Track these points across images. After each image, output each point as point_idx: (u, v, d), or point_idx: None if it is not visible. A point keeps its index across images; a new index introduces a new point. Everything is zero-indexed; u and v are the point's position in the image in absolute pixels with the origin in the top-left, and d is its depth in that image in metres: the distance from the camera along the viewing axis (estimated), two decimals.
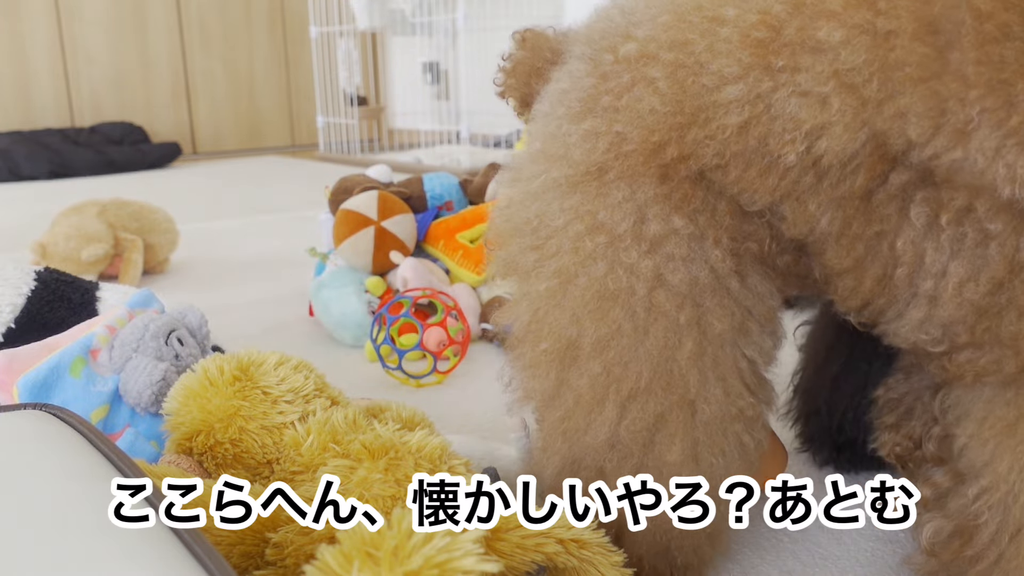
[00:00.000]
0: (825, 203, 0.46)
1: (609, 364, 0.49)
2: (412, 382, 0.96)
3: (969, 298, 0.44)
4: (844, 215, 0.46)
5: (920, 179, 0.44)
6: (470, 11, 2.99)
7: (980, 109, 0.40)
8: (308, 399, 0.55)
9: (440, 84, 3.72)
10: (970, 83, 0.40)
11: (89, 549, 0.30)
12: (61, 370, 0.64)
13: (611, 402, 0.50)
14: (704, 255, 0.49)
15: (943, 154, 0.41)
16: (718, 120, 0.46)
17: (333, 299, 1.10)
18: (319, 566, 0.33)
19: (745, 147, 0.46)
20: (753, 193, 0.48)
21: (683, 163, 0.48)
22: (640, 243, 0.49)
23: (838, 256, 0.48)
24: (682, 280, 0.49)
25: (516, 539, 0.45)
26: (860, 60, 0.42)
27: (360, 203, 1.15)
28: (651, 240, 0.49)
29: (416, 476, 0.48)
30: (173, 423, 0.55)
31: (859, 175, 0.45)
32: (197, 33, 3.85)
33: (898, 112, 0.42)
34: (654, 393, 0.49)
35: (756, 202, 0.48)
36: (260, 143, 4.11)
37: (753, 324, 0.50)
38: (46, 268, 0.89)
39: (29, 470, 0.36)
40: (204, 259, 1.68)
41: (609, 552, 0.47)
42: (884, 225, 0.46)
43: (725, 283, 0.49)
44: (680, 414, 0.49)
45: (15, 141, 3.22)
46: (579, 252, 0.50)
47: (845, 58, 0.42)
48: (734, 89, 0.45)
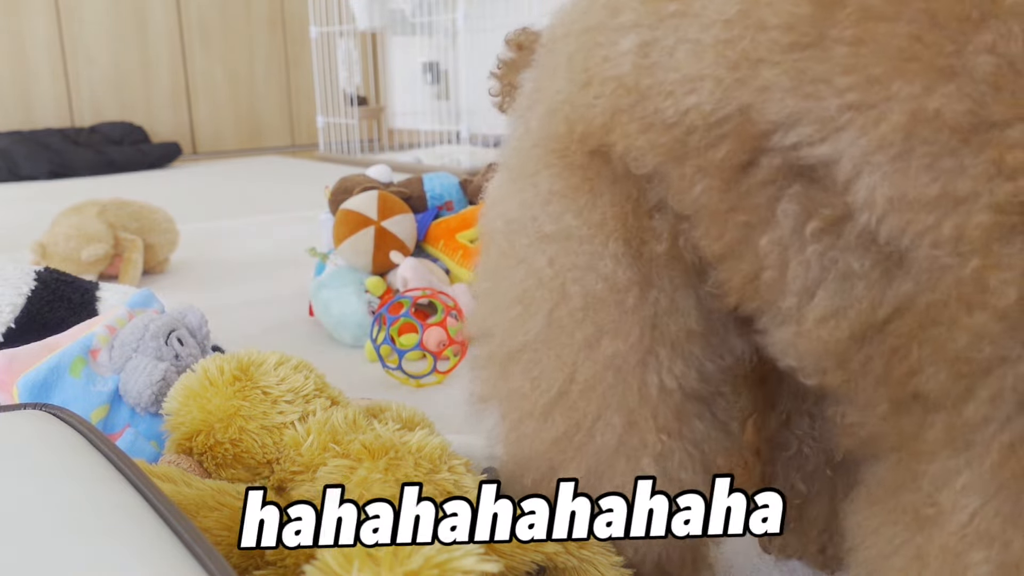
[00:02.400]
0: (696, 168, 0.39)
1: (524, 377, 0.46)
2: (412, 382, 0.96)
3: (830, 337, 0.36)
4: (714, 187, 0.39)
5: (793, 170, 0.36)
6: (470, 11, 2.99)
7: (848, 103, 0.32)
8: (308, 399, 0.55)
9: (440, 84, 3.72)
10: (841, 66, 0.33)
11: (89, 549, 0.30)
12: (61, 370, 0.64)
13: (527, 417, 0.47)
14: (597, 262, 0.43)
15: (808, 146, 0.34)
16: (607, 74, 0.41)
17: (333, 299, 1.10)
18: (319, 566, 0.33)
19: (631, 102, 0.40)
20: (639, 153, 0.41)
21: (573, 142, 0.43)
22: (545, 247, 0.44)
23: (708, 237, 0.40)
24: (579, 293, 0.43)
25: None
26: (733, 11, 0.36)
27: (360, 203, 1.14)
28: (552, 244, 0.44)
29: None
30: (173, 423, 0.55)
31: (724, 145, 0.37)
32: (197, 33, 3.85)
33: (763, 84, 0.35)
34: (553, 416, 0.45)
35: (644, 163, 0.41)
36: (260, 143, 4.11)
37: (662, 347, 0.43)
38: (46, 268, 0.89)
39: (29, 470, 0.36)
40: (204, 259, 1.68)
41: (609, 552, 0.47)
42: (752, 215, 0.38)
43: (621, 297, 0.43)
44: (577, 439, 0.45)
45: (15, 141, 3.22)
46: (504, 254, 0.47)
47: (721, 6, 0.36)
48: (626, 41, 0.40)
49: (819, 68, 0.33)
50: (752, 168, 0.37)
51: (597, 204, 0.43)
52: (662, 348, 0.43)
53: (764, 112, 0.35)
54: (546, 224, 0.44)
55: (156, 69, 3.79)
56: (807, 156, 0.34)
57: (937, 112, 0.30)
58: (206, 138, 3.96)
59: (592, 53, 0.42)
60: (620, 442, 0.44)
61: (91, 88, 3.66)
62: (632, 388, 0.43)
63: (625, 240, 0.43)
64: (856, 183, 0.33)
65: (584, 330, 0.43)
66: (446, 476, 0.49)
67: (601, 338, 0.43)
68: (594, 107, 0.42)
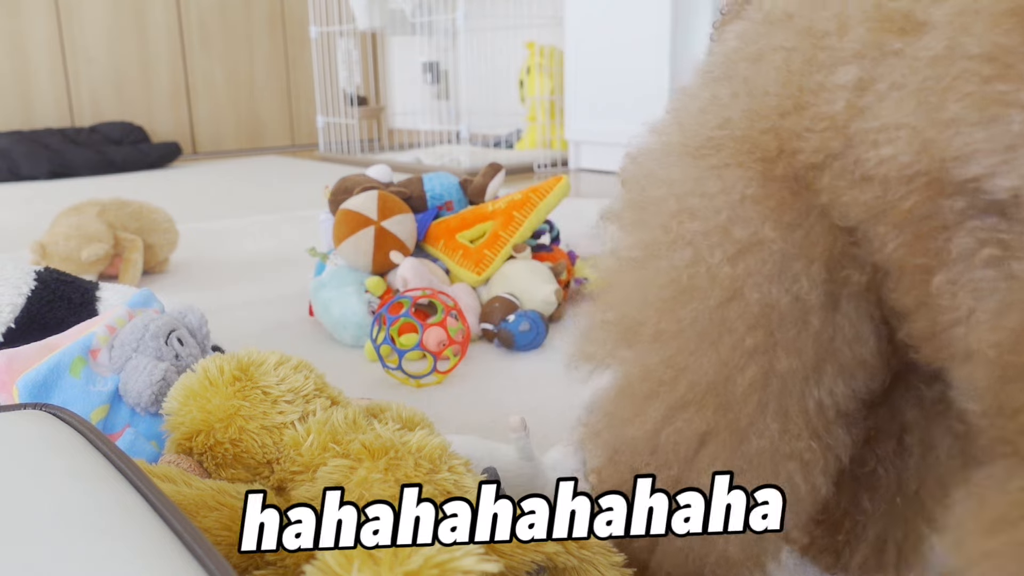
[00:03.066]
0: (891, 225, 0.37)
1: (666, 362, 0.45)
2: (412, 382, 0.96)
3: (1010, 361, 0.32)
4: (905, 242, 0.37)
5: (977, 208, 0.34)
6: (470, 11, 2.98)
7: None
8: (308, 399, 0.55)
9: (440, 84, 3.72)
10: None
11: (89, 549, 0.30)
12: (61, 370, 0.64)
13: (660, 402, 0.46)
14: (790, 279, 0.42)
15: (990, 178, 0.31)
16: (820, 109, 0.39)
17: (333, 299, 1.10)
18: (319, 566, 0.33)
19: (843, 145, 0.38)
20: (844, 208, 0.39)
21: (781, 160, 0.41)
22: (726, 245, 0.43)
23: (898, 291, 0.39)
24: (759, 301, 0.42)
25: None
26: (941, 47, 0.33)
27: (360, 203, 1.14)
28: (737, 246, 0.42)
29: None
30: (173, 423, 0.55)
31: (914, 195, 0.35)
32: (197, 33, 3.85)
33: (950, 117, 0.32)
34: (704, 409, 0.44)
35: (849, 217, 0.40)
36: (260, 143, 4.11)
37: (831, 367, 0.43)
38: (46, 268, 0.89)
39: (29, 470, 0.36)
40: (204, 259, 1.68)
41: (609, 552, 0.47)
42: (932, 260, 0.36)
43: (806, 317, 0.42)
44: (727, 439, 0.44)
45: (15, 141, 3.22)
46: (668, 232, 0.45)
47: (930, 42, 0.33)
48: (845, 73, 0.38)
49: (1004, 87, 0.31)
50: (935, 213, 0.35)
51: (803, 225, 0.42)
52: (830, 368, 0.43)
53: (948, 148, 0.33)
54: (735, 225, 0.43)
55: (156, 69, 3.79)
56: (992, 189, 0.32)
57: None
58: (206, 138, 3.96)
59: (809, 70, 0.39)
60: (774, 448, 0.44)
61: (91, 88, 3.66)
62: (793, 399, 0.43)
63: (827, 265, 0.42)
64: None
65: (756, 337, 0.43)
66: (446, 476, 0.49)
67: (776, 350, 0.43)
68: (806, 140, 0.40)
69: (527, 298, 1.11)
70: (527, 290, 1.11)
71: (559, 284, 1.16)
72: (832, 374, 0.43)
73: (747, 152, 0.43)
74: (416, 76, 3.87)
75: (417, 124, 3.73)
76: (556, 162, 2.98)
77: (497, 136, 3.50)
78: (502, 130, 3.50)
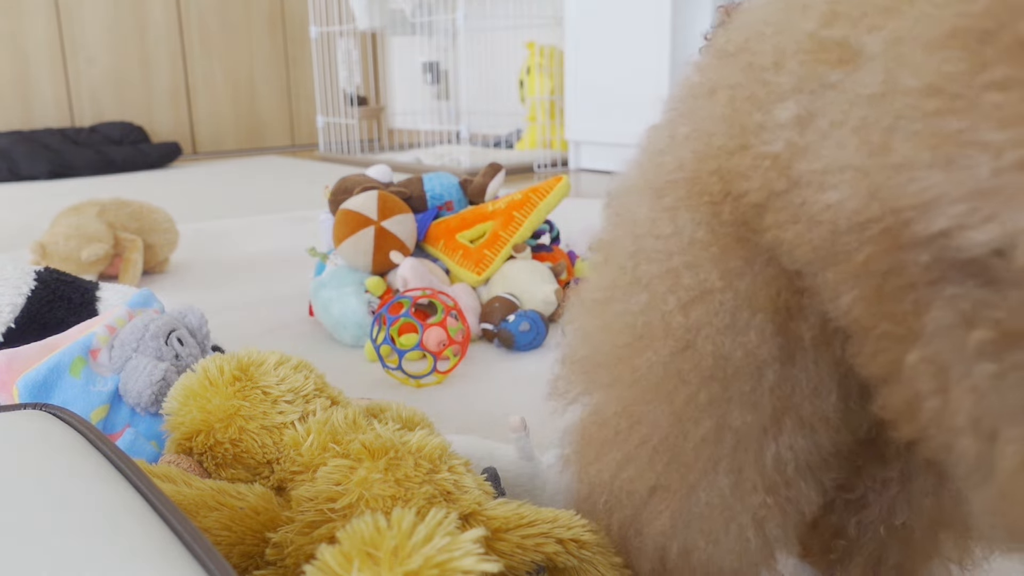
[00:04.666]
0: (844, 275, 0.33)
1: (621, 413, 0.44)
2: (412, 382, 0.96)
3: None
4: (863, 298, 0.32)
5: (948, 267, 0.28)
6: (470, 11, 2.98)
7: (1009, 163, 0.25)
8: (308, 399, 0.55)
9: (440, 84, 3.72)
10: (993, 118, 0.25)
11: (89, 549, 0.30)
12: (61, 370, 0.64)
13: (616, 451, 0.45)
14: (740, 331, 0.39)
15: (962, 230, 0.26)
16: (761, 148, 0.36)
17: (333, 299, 1.10)
18: (319, 566, 0.33)
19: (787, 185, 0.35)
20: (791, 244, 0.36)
21: (727, 203, 0.39)
22: (679, 292, 0.41)
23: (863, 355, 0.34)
24: (712, 353, 0.40)
25: (516, 539, 0.45)
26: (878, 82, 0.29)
27: (360, 203, 1.15)
28: (689, 293, 0.40)
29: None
30: (173, 423, 0.55)
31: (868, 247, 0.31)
32: (197, 33, 3.85)
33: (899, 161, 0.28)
34: (655, 463, 0.43)
35: (796, 258, 0.36)
36: (260, 143, 4.11)
37: (790, 421, 0.40)
38: (46, 268, 0.89)
39: (29, 470, 0.36)
40: (204, 259, 1.68)
41: (609, 552, 0.47)
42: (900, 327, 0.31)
43: (760, 370, 0.40)
44: (676, 493, 0.43)
45: (15, 141, 3.22)
46: (625, 273, 0.43)
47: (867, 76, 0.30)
48: (784, 110, 0.35)
49: (962, 125, 0.26)
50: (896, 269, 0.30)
51: (746, 273, 0.39)
52: (789, 423, 0.41)
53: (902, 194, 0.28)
54: (684, 272, 0.41)
55: (156, 69, 3.79)
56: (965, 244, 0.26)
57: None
58: (206, 138, 3.96)
59: (749, 110, 0.37)
60: (724, 503, 0.42)
61: (91, 88, 3.66)
62: (748, 454, 0.41)
63: (773, 318, 0.39)
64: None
65: (710, 391, 0.40)
66: (446, 476, 0.49)
67: (730, 404, 0.40)
68: (749, 180, 0.37)
69: (527, 298, 1.11)
70: (527, 290, 1.11)
71: (559, 284, 1.16)
72: (792, 428, 0.41)
73: (697, 194, 0.40)
74: (416, 76, 3.87)
75: (417, 124, 3.74)
76: (556, 162, 2.98)
77: (497, 136, 3.50)
78: (502, 130, 3.50)
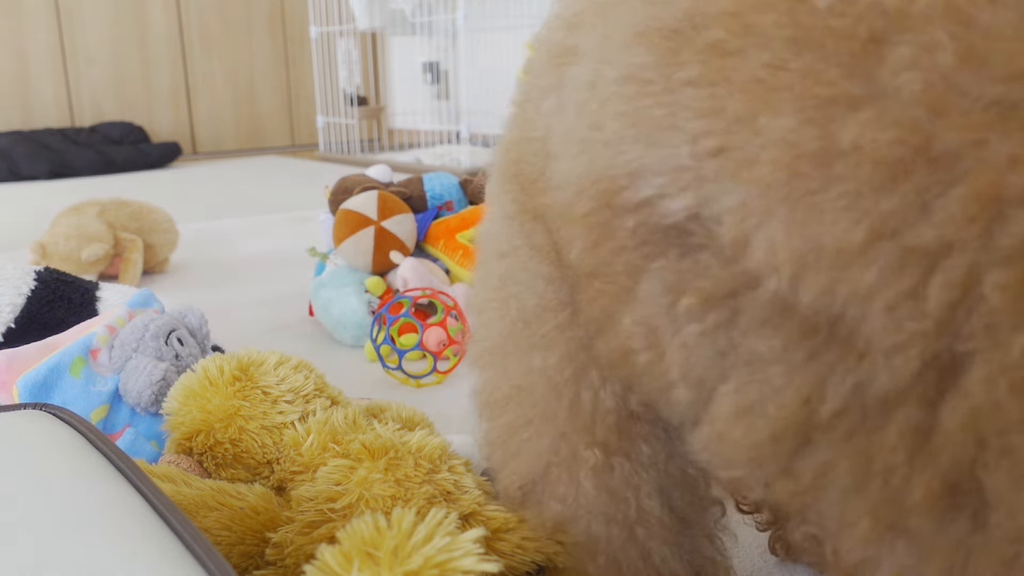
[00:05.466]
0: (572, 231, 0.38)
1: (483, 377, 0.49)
2: (412, 382, 0.96)
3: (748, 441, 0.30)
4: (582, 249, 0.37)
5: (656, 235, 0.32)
6: (470, 11, 2.98)
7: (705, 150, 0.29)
8: (308, 399, 0.55)
9: (440, 84, 3.72)
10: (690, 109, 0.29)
11: (89, 549, 0.30)
12: (61, 370, 0.64)
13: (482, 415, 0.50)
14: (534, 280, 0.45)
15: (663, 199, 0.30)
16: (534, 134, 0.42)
17: (333, 299, 1.10)
18: (319, 566, 0.33)
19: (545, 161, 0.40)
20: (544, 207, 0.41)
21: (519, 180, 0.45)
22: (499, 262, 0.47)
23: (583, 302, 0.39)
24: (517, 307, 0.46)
25: (516, 539, 0.45)
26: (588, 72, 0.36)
27: (360, 203, 1.15)
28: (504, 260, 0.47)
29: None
30: (173, 423, 0.55)
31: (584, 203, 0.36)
32: (197, 33, 3.85)
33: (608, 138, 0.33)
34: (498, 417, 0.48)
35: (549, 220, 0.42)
36: (260, 143, 4.11)
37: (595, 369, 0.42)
38: (46, 268, 0.89)
39: (29, 470, 0.36)
40: (204, 259, 1.68)
41: None
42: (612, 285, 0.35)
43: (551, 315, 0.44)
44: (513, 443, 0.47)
45: (15, 141, 3.22)
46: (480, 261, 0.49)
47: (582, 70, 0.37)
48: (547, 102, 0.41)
49: (662, 113, 0.30)
50: (608, 231, 0.34)
51: (537, 229, 0.44)
52: (595, 368, 0.42)
53: (612, 166, 0.32)
54: (502, 242, 0.47)
55: (156, 69, 3.79)
56: (667, 212, 0.30)
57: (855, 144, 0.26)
58: (206, 138, 3.96)
59: (531, 102, 0.43)
60: (553, 451, 0.44)
61: (91, 88, 3.66)
62: (563, 401, 0.44)
63: (553, 263, 0.43)
64: (752, 241, 0.28)
65: (519, 341, 0.45)
66: (446, 476, 0.49)
67: (532, 351, 0.45)
68: (532, 165, 0.43)
69: None
70: None
71: None
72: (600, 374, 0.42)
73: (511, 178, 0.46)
74: (416, 76, 3.87)
75: (417, 124, 3.74)
76: None
77: (497, 136, 3.50)
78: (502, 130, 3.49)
